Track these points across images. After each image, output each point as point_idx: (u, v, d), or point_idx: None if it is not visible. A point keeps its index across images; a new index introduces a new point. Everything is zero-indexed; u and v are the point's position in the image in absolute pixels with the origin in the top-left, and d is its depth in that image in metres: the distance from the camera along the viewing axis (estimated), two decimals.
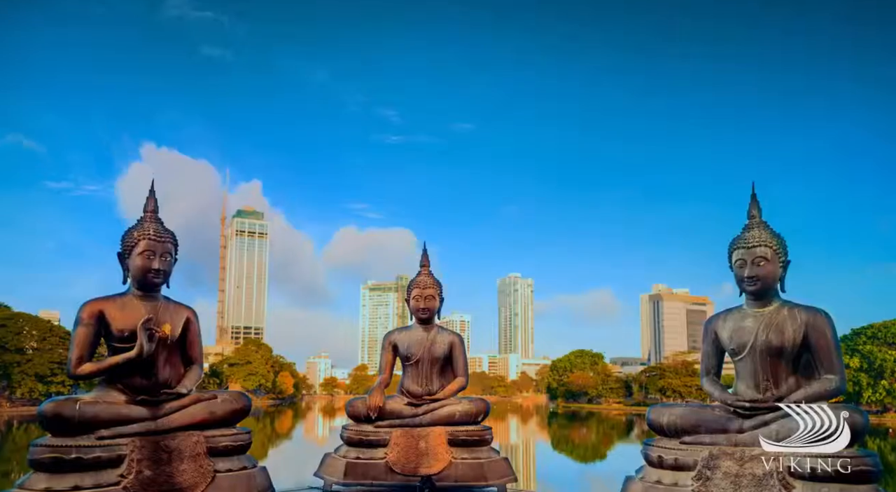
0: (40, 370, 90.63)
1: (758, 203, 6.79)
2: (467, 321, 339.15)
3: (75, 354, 6.46)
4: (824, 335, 6.32)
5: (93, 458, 5.92)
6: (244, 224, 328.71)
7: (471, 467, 8.35)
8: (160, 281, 6.83)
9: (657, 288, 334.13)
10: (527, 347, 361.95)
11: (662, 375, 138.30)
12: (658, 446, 6.47)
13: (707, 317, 7.55)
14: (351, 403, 8.98)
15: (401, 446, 8.41)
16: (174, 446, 6.38)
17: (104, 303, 6.65)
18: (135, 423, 6.32)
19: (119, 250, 6.83)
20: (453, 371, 9.23)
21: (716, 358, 6.97)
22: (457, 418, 8.65)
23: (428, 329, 9.29)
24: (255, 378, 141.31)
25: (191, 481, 6.34)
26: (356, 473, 8.34)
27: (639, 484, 6.45)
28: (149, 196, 7.11)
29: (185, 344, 7.08)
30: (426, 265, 9.54)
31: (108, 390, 6.51)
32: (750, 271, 6.43)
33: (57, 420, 5.96)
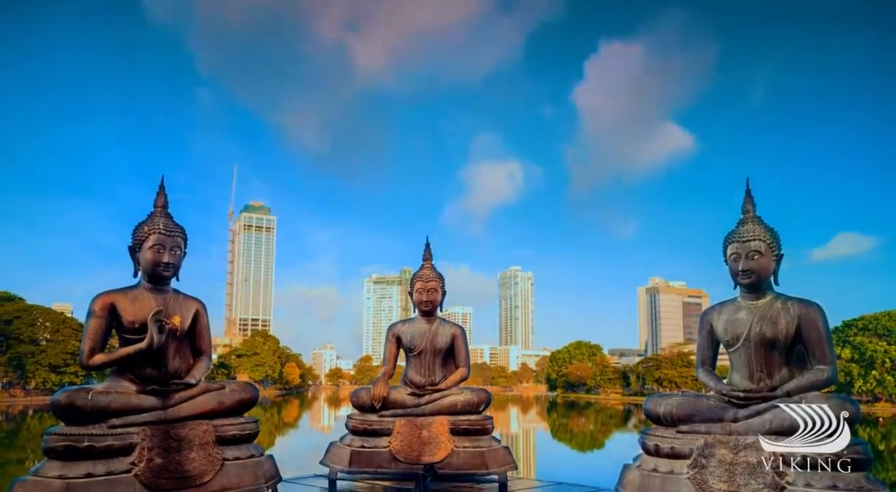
0: (54, 361, 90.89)
1: (752, 198, 6.78)
2: (469, 314, 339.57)
3: (87, 346, 6.47)
4: (816, 327, 6.31)
5: (104, 446, 5.93)
6: (251, 219, 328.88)
7: (472, 455, 8.37)
8: (170, 274, 6.83)
9: (654, 281, 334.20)
10: (527, 339, 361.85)
11: (659, 365, 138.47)
12: (655, 435, 6.47)
13: (702, 309, 7.54)
14: (356, 393, 8.99)
15: (404, 434, 8.43)
16: (184, 434, 6.39)
17: (115, 295, 6.65)
18: (145, 412, 6.32)
19: (130, 244, 6.84)
20: (455, 362, 9.24)
21: (711, 349, 6.97)
22: (458, 408, 8.66)
23: (430, 321, 9.29)
24: (262, 369, 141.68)
25: (200, 468, 6.35)
26: (361, 461, 8.36)
27: (636, 472, 6.46)
28: (158, 191, 7.10)
29: (194, 336, 7.08)
30: (428, 259, 9.54)
31: (120, 380, 6.52)
32: (744, 265, 6.43)
33: (70, 409, 5.96)
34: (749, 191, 6.81)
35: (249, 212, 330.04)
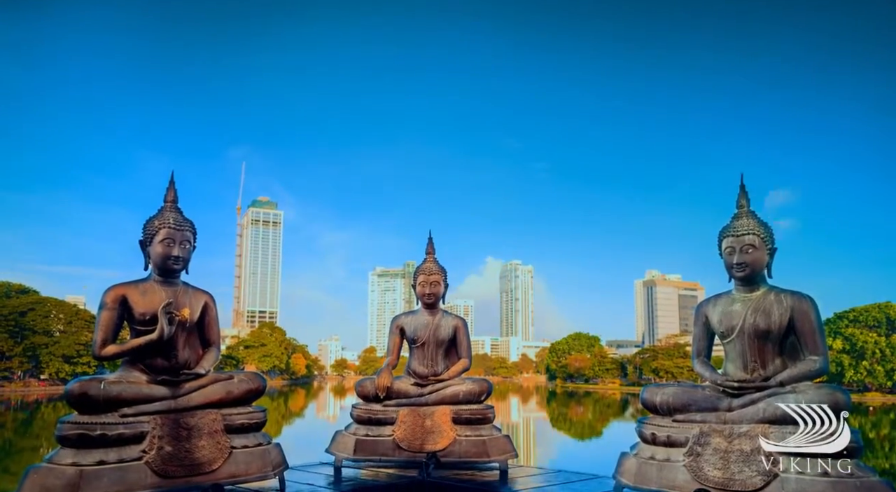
0: (67, 352, 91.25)
1: (746, 194, 6.78)
2: (470, 306, 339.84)
3: (100, 337, 6.49)
4: (808, 319, 6.32)
5: (116, 434, 5.96)
6: (258, 214, 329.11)
7: (474, 443, 8.38)
8: (180, 267, 6.84)
9: (651, 274, 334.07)
10: (527, 331, 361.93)
11: (656, 356, 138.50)
12: (651, 424, 6.49)
13: (698, 302, 7.54)
14: (360, 383, 8.99)
15: (407, 423, 8.44)
16: (193, 423, 6.41)
17: (127, 288, 6.67)
18: (156, 402, 6.35)
19: (141, 238, 6.85)
20: (457, 353, 9.24)
21: (706, 341, 6.97)
22: (461, 398, 8.67)
23: (433, 313, 9.29)
24: (269, 360, 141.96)
25: (209, 456, 6.38)
26: (365, 449, 8.38)
27: (633, 460, 6.48)
28: (168, 186, 7.11)
29: (204, 327, 7.10)
30: (431, 253, 9.54)
31: (131, 370, 6.54)
32: (739, 258, 6.43)
33: (83, 399, 5.99)
34: (743, 186, 6.82)
35: (257, 207, 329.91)
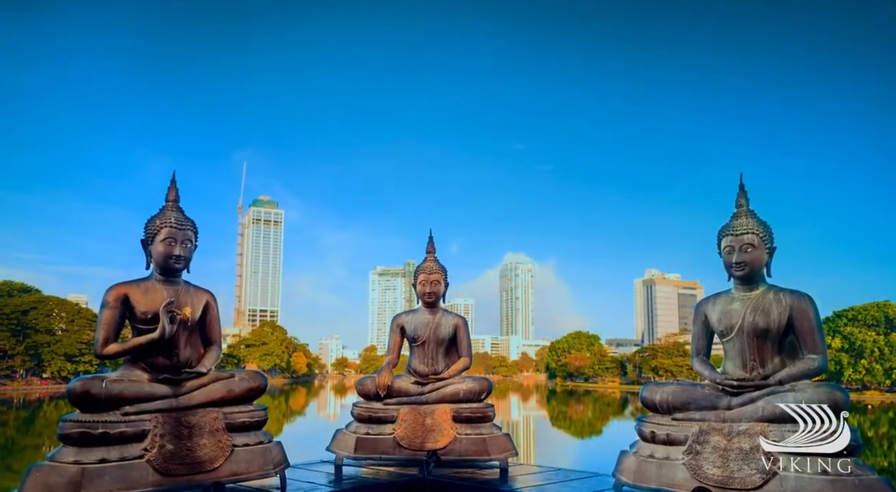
0: (69, 350, 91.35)
1: (745, 193, 6.76)
2: (471, 305, 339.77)
3: (101, 336, 6.50)
4: (807, 317, 6.31)
5: (118, 433, 5.96)
6: (259, 213, 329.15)
7: (474, 442, 8.38)
8: (181, 266, 6.84)
9: (650, 273, 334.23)
10: (527, 329, 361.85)
11: (655, 355, 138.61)
12: (651, 423, 6.49)
13: (697, 300, 7.54)
14: (361, 382, 8.99)
15: (408, 422, 8.44)
16: (194, 421, 6.41)
17: (128, 287, 6.66)
18: (157, 400, 6.35)
19: (142, 238, 6.85)
20: (458, 352, 9.23)
21: (705, 339, 6.97)
22: (461, 396, 8.66)
23: (433, 312, 9.29)
24: (270, 358, 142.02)
25: (210, 454, 6.38)
26: (366, 447, 8.38)
27: (633, 458, 6.48)
28: (170, 186, 7.11)
29: (205, 326, 7.10)
30: (431, 252, 9.53)
31: (133, 369, 6.54)
32: (738, 257, 6.43)
33: (85, 397, 5.99)
34: (742, 186, 6.80)
35: (258, 206, 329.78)
